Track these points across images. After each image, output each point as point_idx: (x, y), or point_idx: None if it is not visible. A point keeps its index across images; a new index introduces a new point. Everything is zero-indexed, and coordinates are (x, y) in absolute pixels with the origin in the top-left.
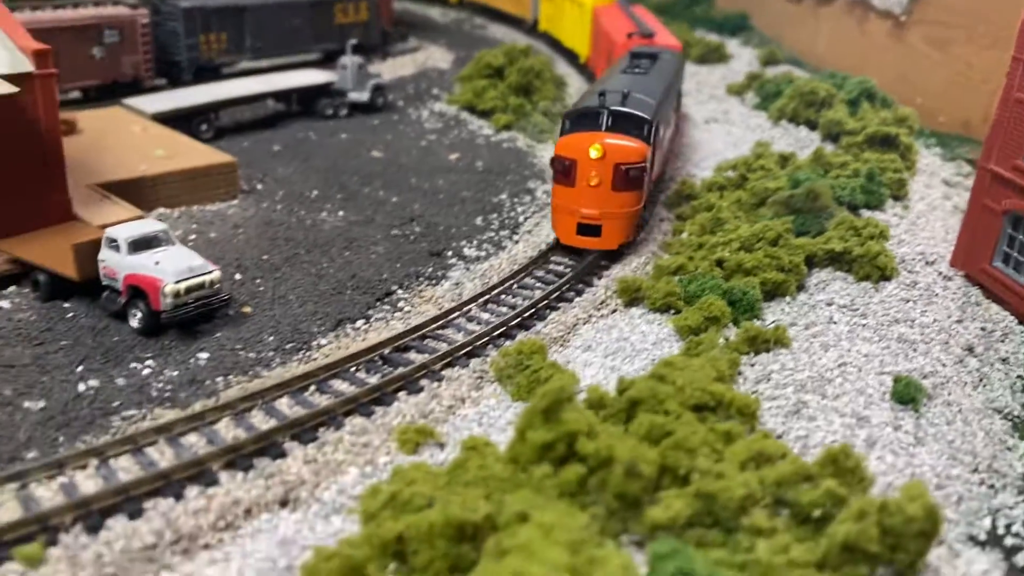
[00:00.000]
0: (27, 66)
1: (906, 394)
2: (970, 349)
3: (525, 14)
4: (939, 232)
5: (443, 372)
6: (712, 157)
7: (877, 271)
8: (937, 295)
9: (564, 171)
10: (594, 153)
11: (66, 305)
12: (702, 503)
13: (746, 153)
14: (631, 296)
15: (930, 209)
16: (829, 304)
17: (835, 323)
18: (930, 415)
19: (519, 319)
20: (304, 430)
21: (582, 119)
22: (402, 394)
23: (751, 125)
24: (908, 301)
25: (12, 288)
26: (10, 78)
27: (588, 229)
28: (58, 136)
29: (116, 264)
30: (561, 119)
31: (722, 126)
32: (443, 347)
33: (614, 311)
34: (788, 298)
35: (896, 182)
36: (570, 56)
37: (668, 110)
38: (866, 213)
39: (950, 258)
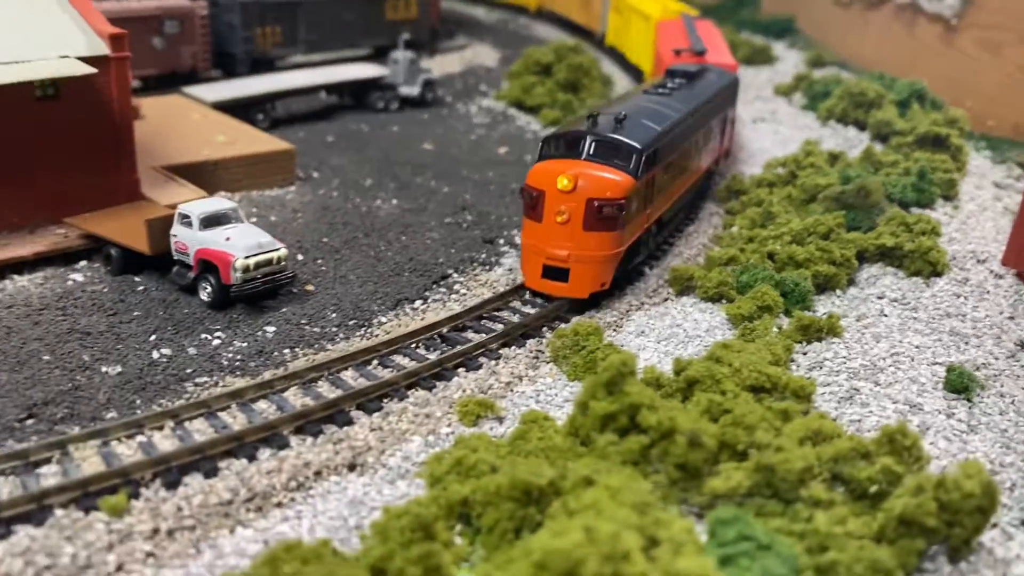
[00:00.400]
0: (103, 49)
1: (959, 383)
2: (1023, 345)
3: (595, 25)
4: (990, 232)
5: (500, 351)
6: (760, 155)
7: (928, 266)
8: (989, 292)
9: (532, 203)
10: (563, 184)
11: (136, 279)
12: (761, 475)
13: (795, 151)
14: (683, 285)
15: (980, 209)
16: (880, 298)
17: (886, 316)
18: (983, 405)
19: (574, 304)
20: (369, 400)
21: (562, 144)
22: (461, 370)
23: (799, 124)
24: (960, 297)
25: (83, 263)
26: (88, 60)
27: (554, 272)
28: (130, 117)
29: (188, 239)
30: (540, 142)
31: (770, 125)
32: (499, 327)
33: (666, 299)
34: (839, 291)
35: (946, 182)
36: (636, 75)
37: (693, 137)
38: (916, 211)
39: (1002, 257)
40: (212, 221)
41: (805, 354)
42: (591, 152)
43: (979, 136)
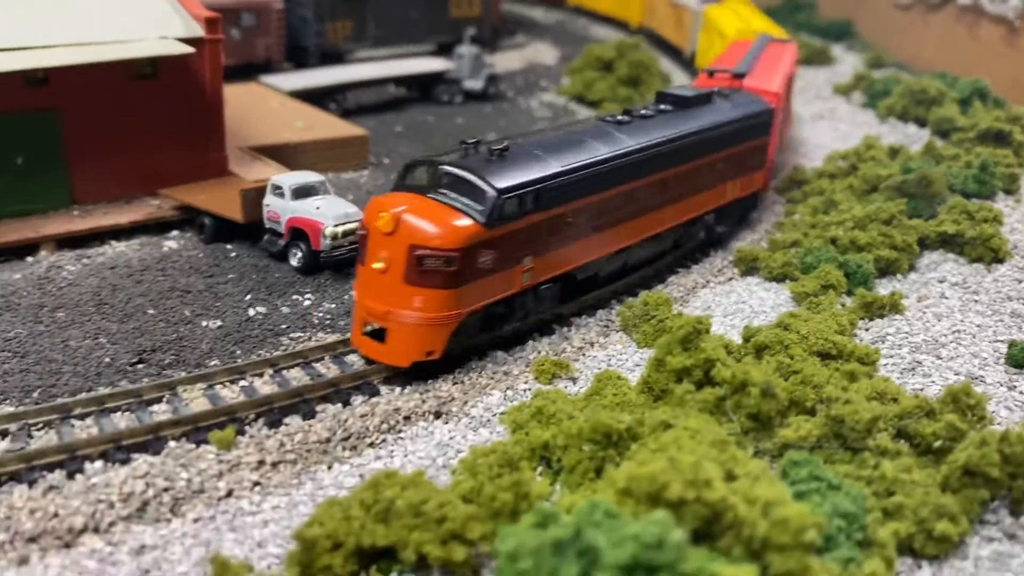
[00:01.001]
0: (199, 31)
1: (1021, 358)
2: None
3: (684, 45)
4: None
5: (571, 319)
6: (820, 150)
7: (990, 253)
8: None
9: (361, 243)
10: (382, 224)
11: (228, 246)
12: (830, 425)
13: (855, 146)
14: (748, 265)
15: None
16: (941, 281)
17: (947, 298)
18: None
19: (640, 279)
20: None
21: (422, 173)
22: (535, 335)
23: (858, 122)
24: (1022, 282)
25: (175, 232)
26: (184, 42)
27: (374, 331)
28: (221, 97)
29: (280, 208)
30: (403, 166)
31: (829, 122)
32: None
33: (730, 279)
34: (900, 275)
35: (1008, 176)
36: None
37: (654, 175)
38: (977, 202)
39: None
40: (303, 192)
41: (867, 330)
42: (445, 188)
43: None
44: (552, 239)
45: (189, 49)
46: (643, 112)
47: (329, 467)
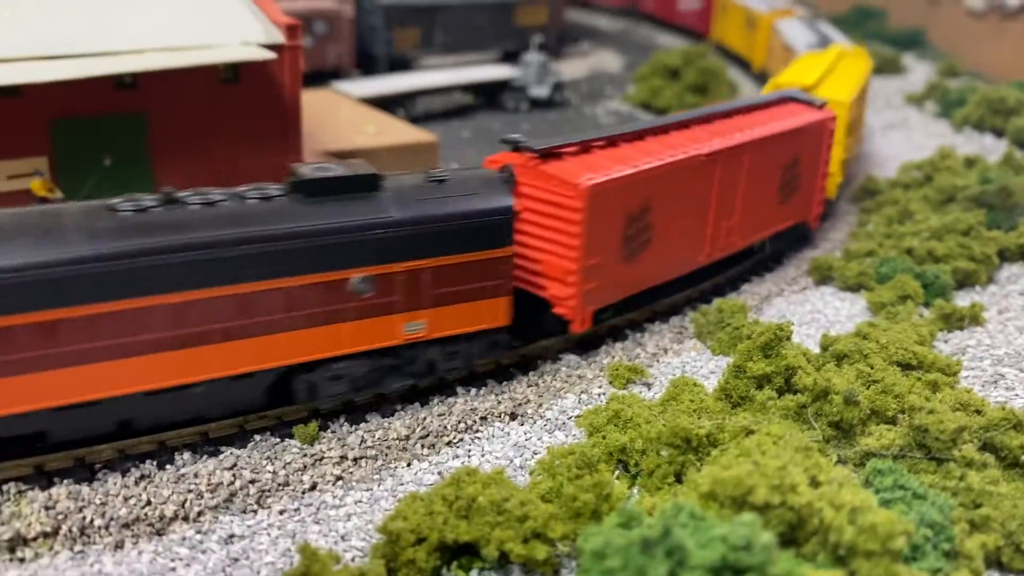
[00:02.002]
0: (279, 38)
1: None
2: None
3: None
4: None
5: (645, 324)
6: (892, 160)
7: None
8: None
9: None
10: None
11: None
12: (914, 434)
13: (929, 156)
14: (823, 275)
15: None
16: (1022, 294)
17: None
18: None
19: (715, 287)
20: (525, 360)
21: None
22: (609, 340)
23: (932, 132)
24: None
25: None
26: (265, 47)
27: None
28: (299, 102)
29: None
30: None
31: (901, 132)
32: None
33: (804, 288)
34: (978, 287)
35: None
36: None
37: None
38: None
39: None
40: None
41: (946, 341)
42: None
43: None
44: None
45: (271, 55)
46: (210, 198)
47: (408, 464)
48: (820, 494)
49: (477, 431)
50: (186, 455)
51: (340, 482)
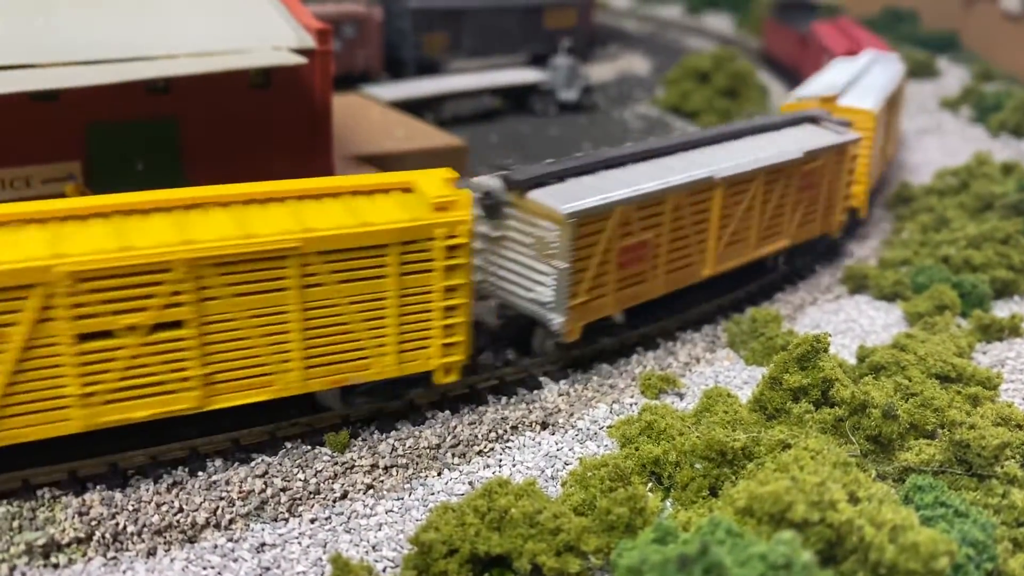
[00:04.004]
0: (310, 42)
1: None
2: None
3: None
4: None
5: (677, 333)
6: (927, 166)
7: None
8: None
9: None
10: None
11: None
12: (954, 450)
13: (965, 162)
14: (858, 283)
15: None
16: None
17: None
18: None
19: (748, 296)
20: (556, 369)
21: None
22: (640, 348)
23: (967, 137)
24: None
25: None
26: (296, 52)
27: None
28: (329, 106)
29: None
30: None
31: (935, 137)
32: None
33: (839, 297)
34: (1017, 297)
35: None
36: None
37: None
38: None
39: None
40: None
41: (985, 353)
42: None
43: None
44: None
45: (302, 60)
46: None
47: (439, 473)
48: (860, 511)
49: (508, 440)
50: (217, 462)
51: (371, 491)
